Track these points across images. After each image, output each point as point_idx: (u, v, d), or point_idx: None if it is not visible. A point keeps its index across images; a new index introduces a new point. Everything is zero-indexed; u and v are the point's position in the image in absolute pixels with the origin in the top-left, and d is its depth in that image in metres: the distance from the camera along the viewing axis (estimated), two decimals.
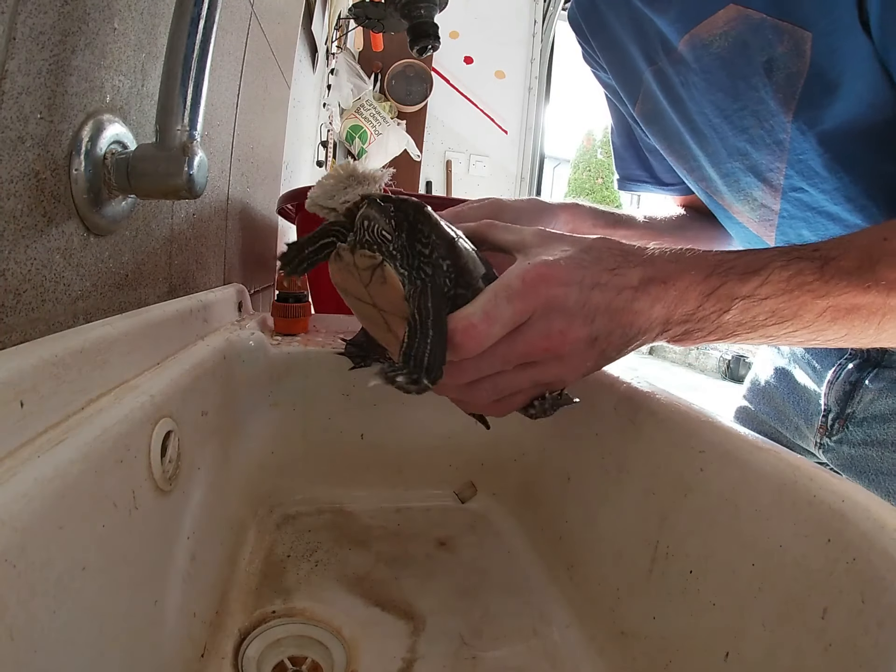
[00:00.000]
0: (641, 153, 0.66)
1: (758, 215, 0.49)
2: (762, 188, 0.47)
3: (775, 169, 0.44)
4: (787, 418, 0.60)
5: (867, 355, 0.52)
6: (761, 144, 0.44)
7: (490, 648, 0.41)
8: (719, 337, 0.34)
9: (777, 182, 0.45)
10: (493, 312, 0.29)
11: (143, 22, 0.38)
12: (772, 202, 0.47)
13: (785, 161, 0.43)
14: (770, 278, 0.31)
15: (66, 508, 0.23)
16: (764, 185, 0.46)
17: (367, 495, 0.59)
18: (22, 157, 0.27)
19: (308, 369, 0.57)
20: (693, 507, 0.36)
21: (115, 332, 0.34)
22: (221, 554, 0.44)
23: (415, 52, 0.54)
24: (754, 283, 0.31)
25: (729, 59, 0.42)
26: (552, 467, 0.56)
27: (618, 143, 0.68)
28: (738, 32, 0.40)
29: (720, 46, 0.42)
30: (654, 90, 0.52)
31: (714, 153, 0.49)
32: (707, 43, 0.43)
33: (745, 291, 0.31)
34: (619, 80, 0.58)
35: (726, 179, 0.50)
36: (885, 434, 0.49)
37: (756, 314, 0.32)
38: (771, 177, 0.45)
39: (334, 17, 1.57)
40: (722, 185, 0.51)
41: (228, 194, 0.65)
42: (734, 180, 0.49)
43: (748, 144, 0.45)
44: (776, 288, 0.31)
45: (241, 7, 0.63)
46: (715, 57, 0.43)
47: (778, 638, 0.27)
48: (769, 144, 0.43)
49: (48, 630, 0.21)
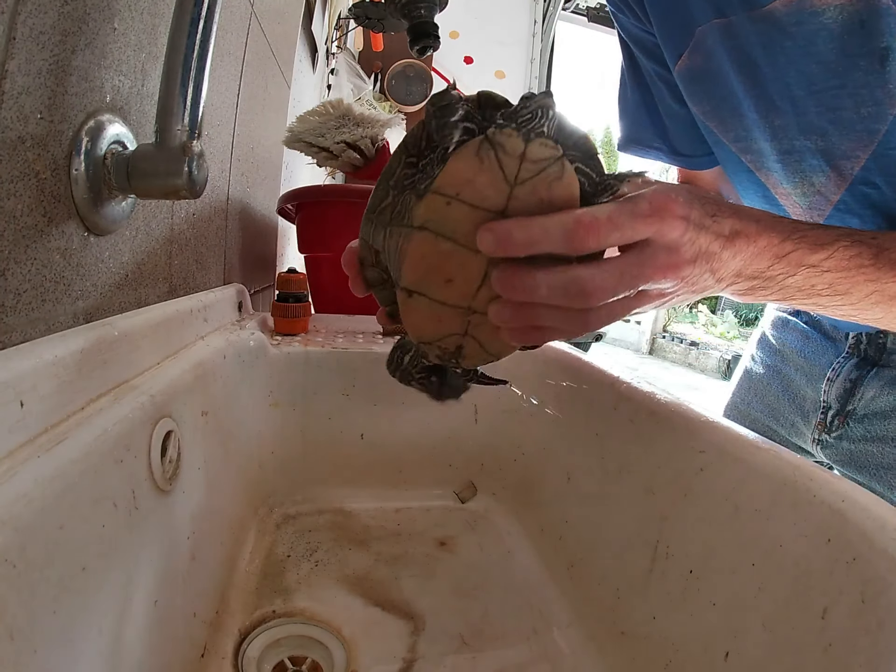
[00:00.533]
0: (657, 117, 0.59)
1: (808, 202, 0.47)
2: (828, 174, 0.44)
3: (854, 157, 0.42)
4: (782, 415, 0.60)
5: (865, 354, 0.52)
6: (848, 129, 0.41)
7: (490, 648, 0.41)
8: (779, 298, 0.36)
9: (849, 171, 0.43)
10: (618, 220, 0.28)
11: (143, 22, 0.38)
12: (832, 191, 0.45)
13: (869, 151, 0.41)
14: (835, 254, 0.34)
15: (66, 508, 0.23)
16: (832, 171, 0.44)
17: (367, 495, 0.59)
18: (22, 157, 0.27)
19: (308, 369, 0.57)
20: (693, 507, 0.36)
21: (115, 332, 0.34)
22: (221, 554, 0.44)
23: (415, 52, 0.54)
24: (821, 255, 0.34)
25: (839, 33, 0.39)
26: (552, 467, 0.56)
27: (630, 100, 0.61)
28: (858, 10, 0.37)
29: (832, 18, 0.39)
30: (712, 46, 0.46)
31: (781, 127, 0.45)
32: (818, 11, 0.39)
33: (812, 261, 0.34)
34: (664, 29, 0.51)
35: (786, 157, 0.46)
36: (885, 430, 0.50)
37: (815, 283, 0.35)
38: (844, 164, 0.43)
39: (334, 17, 1.58)
40: (776, 161, 0.47)
41: (228, 194, 0.65)
42: (796, 159, 0.45)
43: (831, 125, 0.42)
44: (838, 264, 0.35)
45: (241, 7, 0.63)
46: (822, 27, 0.39)
47: (778, 638, 0.27)
48: (858, 131, 0.41)
49: (48, 630, 0.21)
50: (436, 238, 0.28)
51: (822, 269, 0.35)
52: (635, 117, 0.61)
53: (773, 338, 0.63)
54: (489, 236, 0.27)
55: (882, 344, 0.51)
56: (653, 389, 0.45)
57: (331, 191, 0.81)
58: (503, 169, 0.26)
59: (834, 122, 0.42)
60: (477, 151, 0.26)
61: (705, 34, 0.47)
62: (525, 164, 0.26)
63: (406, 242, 0.29)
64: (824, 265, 0.35)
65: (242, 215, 0.73)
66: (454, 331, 0.31)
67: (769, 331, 0.64)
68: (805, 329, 0.59)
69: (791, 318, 0.61)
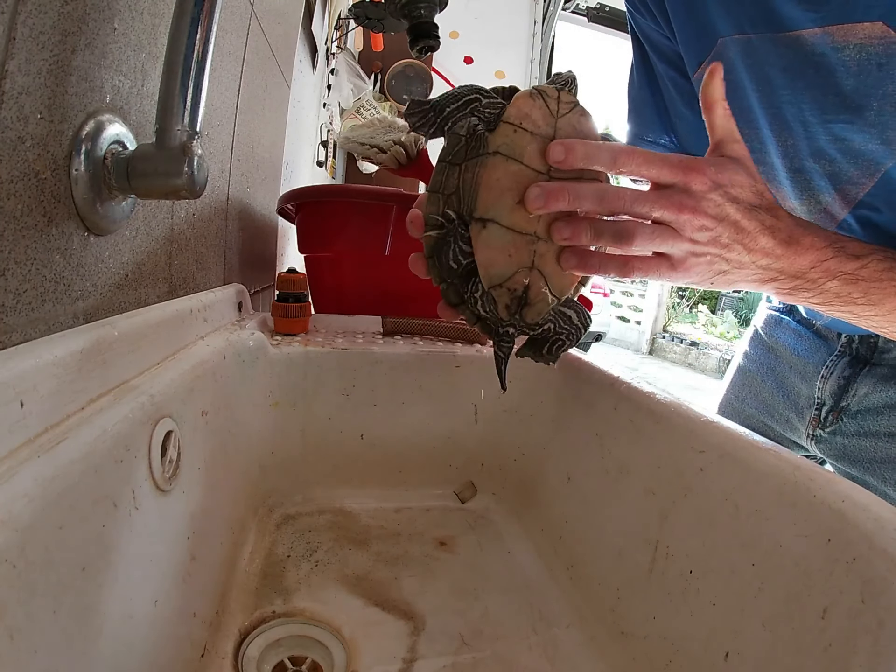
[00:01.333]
0: (665, 116, 0.60)
1: (813, 218, 0.48)
2: (834, 196, 0.45)
3: (859, 184, 0.43)
4: (777, 411, 0.61)
5: (857, 353, 0.53)
6: (856, 158, 0.42)
7: (490, 648, 0.41)
8: (820, 301, 0.39)
9: (853, 195, 0.44)
10: (650, 158, 0.34)
11: (143, 22, 0.38)
12: (838, 211, 0.46)
13: (875, 180, 0.42)
14: (869, 265, 0.37)
15: (66, 508, 0.23)
16: (838, 194, 0.45)
17: (367, 495, 0.59)
18: (22, 157, 0.27)
19: (308, 369, 0.57)
20: (693, 507, 0.36)
21: (115, 332, 0.34)
22: (221, 554, 0.44)
23: (415, 52, 0.54)
24: (856, 265, 0.37)
25: (856, 72, 0.40)
26: (552, 467, 0.56)
27: (639, 97, 0.62)
28: (875, 53, 0.38)
29: (850, 57, 0.40)
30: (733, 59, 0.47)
31: (793, 147, 0.46)
32: (838, 47, 0.40)
33: (848, 269, 0.37)
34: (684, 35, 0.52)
35: (795, 176, 0.48)
36: (878, 426, 0.51)
37: (851, 290, 0.38)
38: (849, 189, 0.44)
39: (334, 17, 1.57)
40: (786, 178, 0.48)
41: (228, 194, 0.65)
42: (805, 179, 0.47)
43: (840, 154, 0.43)
44: (872, 274, 0.37)
45: (241, 7, 0.63)
46: (841, 63, 0.40)
47: (778, 638, 0.27)
48: (865, 161, 0.42)
49: (48, 630, 0.21)
50: (506, 160, 0.36)
51: (857, 276, 0.37)
52: (644, 113, 0.62)
53: (766, 335, 0.64)
54: (559, 148, 0.34)
55: (874, 343, 0.52)
56: (653, 389, 0.45)
57: (331, 191, 0.81)
58: (548, 106, 0.36)
59: (842, 151, 0.43)
60: (530, 95, 0.37)
61: (726, 46, 0.47)
62: (561, 104, 0.36)
63: (482, 168, 0.36)
64: (860, 274, 0.37)
65: (242, 215, 0.73)
66: (522, 263, 0.37)
67: (762, 328, 0.65)
68: (797, 328, 0.60)
69: (784, 317, 0.62)
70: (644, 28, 0.58)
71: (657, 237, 0.35)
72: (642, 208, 0.35)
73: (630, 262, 0.36)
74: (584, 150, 0.34)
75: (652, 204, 0.34)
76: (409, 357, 0.60)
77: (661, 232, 0.35)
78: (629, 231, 0.35)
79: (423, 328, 0.67)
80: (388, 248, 0.73)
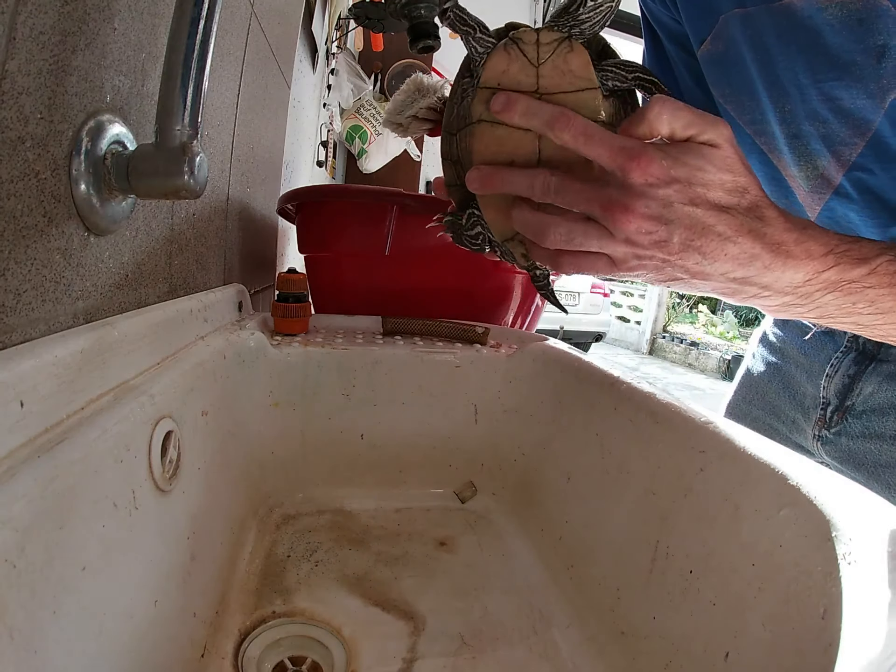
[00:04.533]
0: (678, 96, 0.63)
1: (810, 185, 0.48)
2: (829, 159, 0.45)
3: (851, 144, 0.43)
4: (783, 413, 0.60)
5: (863, 348, 0.52)
6: (846, 117, 0.43)
7: (490, 648, 0.41)
8: (817, 315, 0.35)
9: (847, 157, 0.44)
10: (591, 132, 0.30)
11: (143, 22, 0.38)
12: (833, 175, 0.46)
13: (866, 139, 0.42)
14: (878, 269, 0.32)
15: (66, 508, 0.23)
16: (832, 156, 0.45)
17: (367, 495, 0.59)
18: (22, 157, 0.27)
19: (308, 369, 0.57)
20: (693, 507, 0.36)
21: (115, 332, 0.34)
22: (221, 554, 0.44)
23: (415, 52, 0.54)
24: (863, 271, 0.32)
25: (839, 29, 0.40)
26: (552, 467, 0.56)
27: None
28: (857, 10, 0.38)
29: (833, 15, 0.40)
30: (732, 34, 0.48)
31: (791, 112, 0.47)
32: (822, 7, 0.41)
33: (853, 276, 0.32)
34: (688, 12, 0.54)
35: (794, 141, 0.48)
36: (883, 428, 0.50)
37: (857, 300, 0.33)
38: (843, 150, 0.44)
39: (334, 17, 1.57)
40: (785, 144, 0.49)
41: (228, 194, 0.65)
42: (802, 144, 0.47)
43: (832, 114, 0.43)
44: (881, 280, 0.32)
45: (241, 7, 0.63)
46: (825, 23, 0.41)
47: (778, 638, 0.27)
48: (855, 120, 0.42)
49: (48, 630, 0.21)
50: (491, 126, 0.35)
51: (863, 284, 0.33)
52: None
53: (775, 336, 0.64)
54: (502, 98, 0.33)
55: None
56: (653, 389, 0.45)
57: (331, 191, 0.81)
58: (526, 55, 0.34)
59: (833, 110, 0.43)
60: (504, 48, 0.34)
61: (727, 22, 0.48)
62: (541, 47, 0.33)
63: (470, 137, 0.36)
64: (867, 280, 0.33)
65: (242, 215, 0.73)
66: None
67: (770, 329, 0.65)
68: (804, 325, 0.59)
69: None
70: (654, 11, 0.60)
71: (578, 236, 0.32)
72: (565, 199, 0.31)
73: (561, 257, 0.33)
74: (524, 107, 0.32)
75: (576, 195, 0.31)
76: (409, 357, 0.60)
77: (585, 230, 0.32)
78: (543, 227, 0.32)
79: (423, 328, 0.67)
80: (388, 248, 0.73)
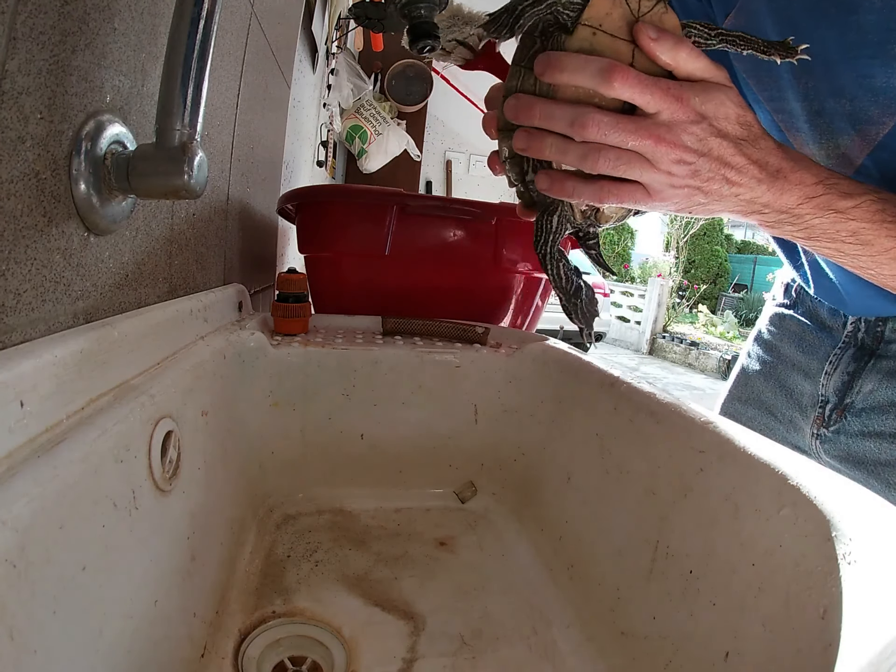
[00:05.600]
0: None
1: (831, 163, 0.48)
2: (853, 138, 0.46)
3: (880, 123, 0.43)
4: (780, 412, 0.60)
5: (862, 343, 0.52)
6: (878, 95, 0.43)
7: (490, 648, 0.41)
8: (806, 236, 0.39)
9: (874, 136, 0.44)
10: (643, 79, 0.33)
11: (143, 22, 0.38)
12: (856, 155, 0.46)
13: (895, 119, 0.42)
14: (862, 205, 0.37)
15: (66, 508, 0.23)
16: (857, 135, 0.45)
17: (367, 495, 0.59)
18: (22, 157, 0.27)
19: (308, 369, 0.57)
20: (693, 507, 0.36)
21: (115, 332, 0.34)
22: (221, 554, 0.44)
23: (415, 52, 0.54)
24: (849, 203, 0.37)
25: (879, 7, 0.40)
26: (552, 467, 0.56)
27: None
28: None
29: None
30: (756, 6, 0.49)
31: (814, 88, 0.47)
32: None
33: (840, 206, 0.37)
34: None
35: (816, 119, 0.48)
36: (883, 426, 0.49)
37: (840, 229, 0.37)
38: (870, 129, 0.44)
39: (334, 17, 1.57)
40: (805, 122, 0.49)
41: (228, 194, 0.65)
42: (825, 121, 0.47)
43: (862, 91, 0.44)
44: (864, 214, 0.37)
45: (241, 7, 0.63)
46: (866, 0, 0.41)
47: (778, 638, 0.27)
48: (886, 99, 0.42)
49: (48, 630, 0.21)
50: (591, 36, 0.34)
51: (848, 216, 0.37)
52: None
53: (770, 334, 0.63)
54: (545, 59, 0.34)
55: (880, 332, 0.51)
56: (653, 389, 0.45)
57: (331, 191, 0.81)
58: (629, 5, 0.34)
59: (864, 87, 0.44)
60: None
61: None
62: (643, 1, 0.34)
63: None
64: (851, 213, 0.37)
65: (242, 215, 0.73)
66: None
67: (766, 327, 0.64)
68: (802, 322, 0.59)
69: (788, 312, 0.61)
70: None
71: (623, 164, 0.34)
72: (617, 138, 0.33)
73: (605, 186, 0.36)
74: (574, 63, 0.33)
75: (628, 135, 0.33)
76: (409, 357, 0.60)
77: (629, 159, 0.34)
78: (594, 153, 0.34)
79: (423, 328, 0.67)
80: (388, 248, 0.73)
